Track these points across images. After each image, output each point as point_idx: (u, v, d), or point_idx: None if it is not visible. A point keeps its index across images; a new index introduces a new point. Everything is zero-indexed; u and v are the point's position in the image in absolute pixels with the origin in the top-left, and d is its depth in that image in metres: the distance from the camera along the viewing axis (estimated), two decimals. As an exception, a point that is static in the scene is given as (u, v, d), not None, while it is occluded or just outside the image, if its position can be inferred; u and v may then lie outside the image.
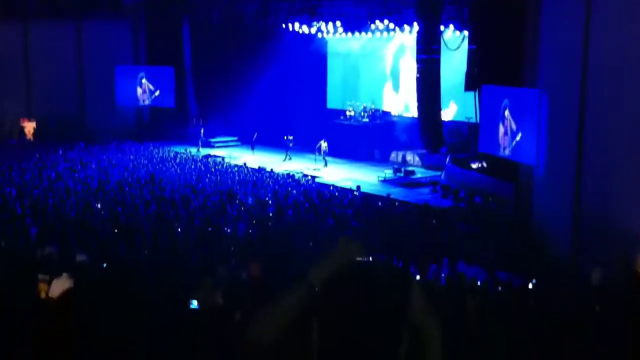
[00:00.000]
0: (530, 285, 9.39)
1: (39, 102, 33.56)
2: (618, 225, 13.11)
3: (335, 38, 32.84)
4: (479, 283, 9.73)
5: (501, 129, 19.96)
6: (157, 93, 33.58)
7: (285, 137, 29.07)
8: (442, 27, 25.24)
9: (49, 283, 5.91)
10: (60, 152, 26.37)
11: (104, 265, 8.19)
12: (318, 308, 2.04)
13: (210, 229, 14.65)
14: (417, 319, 2.01)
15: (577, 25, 14.70)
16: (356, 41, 32.33)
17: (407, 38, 29.29)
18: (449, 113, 28.15)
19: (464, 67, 23.85)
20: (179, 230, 14.38)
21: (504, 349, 5.43)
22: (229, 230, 14.66)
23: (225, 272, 8.61)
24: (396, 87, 31.96)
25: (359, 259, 2.21)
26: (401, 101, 31.60)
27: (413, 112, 28.63)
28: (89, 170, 22.81)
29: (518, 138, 19.03)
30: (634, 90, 12.88)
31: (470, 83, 22.66)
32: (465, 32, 24.33)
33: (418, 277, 10.65)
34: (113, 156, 26.53)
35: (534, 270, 12.43)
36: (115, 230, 14.21)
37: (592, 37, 14.27)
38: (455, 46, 25.50)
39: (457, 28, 25.57)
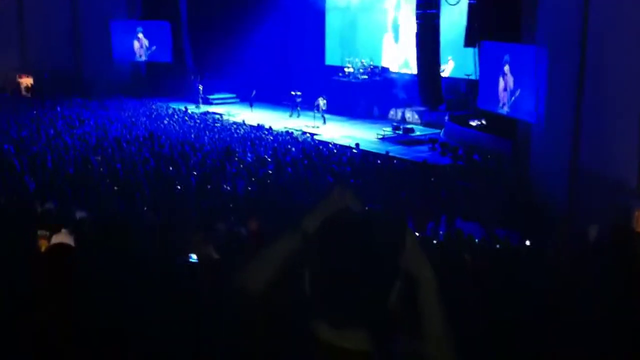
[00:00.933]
0: (527, 243, 9.46)
1: (33, 57, 33.12)
2: (615, 182, 13.17)
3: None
4: (476, 240, 9.79)
5: (500, 86, 19.86)
6: (153, 48, 33.25)
7: (292, 93, 28.82)
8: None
9: (49, 238, 5.95)
10: (58, 108, 26.23)
11: (103, 221, 8.22)
12: (310, 255, 2.04)
13: (209, 186, 14.68)
14: (411, 266, 2.02)
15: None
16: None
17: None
18: (447, 69, 27.94)
19: (463, 22, 23.61)
20: (178, 187, 14.40)
21: (499, 304, 5.49)
22: (228, 187, 14.70)
23: (223, 228, 8.66)
24: (395, 42, 31.63)
25: (353, 207, 2.19)
26: (401, 57, 31.32)
27: (412, 68, 28.41)
28: (87, 127, 22.72)
29: (517, 95, 18.94)
30: (633, 45, 12.79)
31: (470, 39, 22.45)
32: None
33: (416, 234, 10.72)
34: (111, 112, 26.41)
35: (532, 227, 12.53)
36: (114, 187, 14.23)
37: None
38: (454, 1, 25.18)
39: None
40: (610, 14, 13.58)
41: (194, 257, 4.03)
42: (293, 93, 28.81)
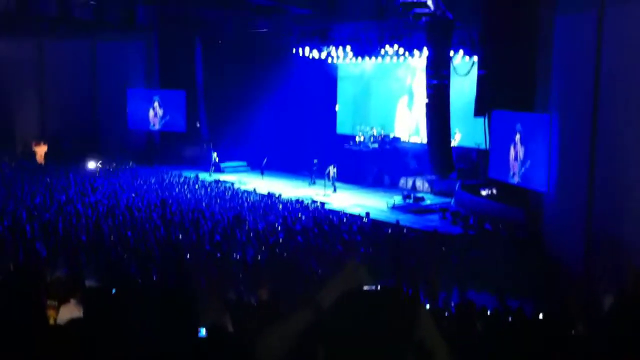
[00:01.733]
0: (541, 315, 9.27)
1: (51, 123, 33.80)
2: (632, 249, 13.01)
3: (346, 63, 33.03)
4: (489, 312, 9.62)
5: (511, 155, 19.92)
6: (167, 117, 33.81)
7: (315, 161, 28.98)
8: (452, 52, 25.34)
9: (57, 309, 5.90)
10: (71, 175, 26.50)
11: (113, 290, 8.15)
12: (324, 332, 2.02)
13: (218, 254, 14.62)
14: (425, 343, 1.99)
15: (588, 49, 14.73)
16: (366, 65, 32.50)
17: (417, 62, 29.42)
18: (455, 140, 28.17)
19: (473, 92, 23.90)
20: (188, 255, 14.35)
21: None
22: (238, 256, 14.63)
23: (234, 297, 8.58)
24: (407, 111, 32.01)
25: (367, 284, 2.19)
26: (412, 125, 31.63)
27: (423, 137, 28.65)
28: (99, 194, 22.87)
29: (527, 164, 18.97)
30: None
31: (480, 108, 22.66)
32: (475, 58, 24.40)
33: (428, 305, 10.56)
34: (124, 180, 26.63)
35: (547, 297, 12.32)
36: (125, 255, 14.20)
37: (604, 61, 14.29)
38: (464, 72, 25.57)
39: (466, 53, 25.67)
40: (622, 82, 13.72)
41: (202, 332, 3.95)
42: (315, 162, 28.93)
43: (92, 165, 28.83)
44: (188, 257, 14.21)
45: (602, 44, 14.36)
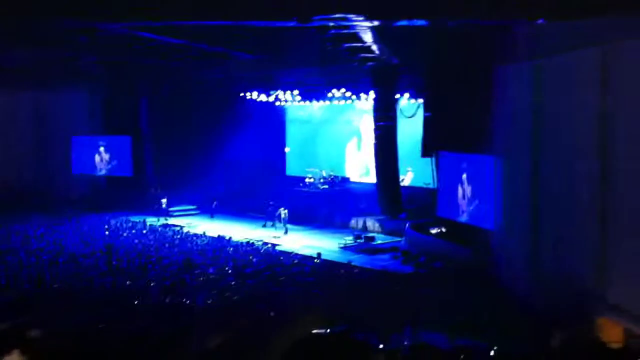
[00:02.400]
0: (492, 353, 9.36)
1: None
2: (577, 286, 13.29)
3: (294, 105, 33.33)
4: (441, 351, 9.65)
5: (459, 194, 20.27)
6: (114, 162, 33.40)
7: (271, 203, 28.88)
8: (398, 95, 25.83)
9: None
10: (16, 227, 25.77)
11: (58, 340, 7.90)
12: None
13: (167, 299, 14.35)
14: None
15: (527, 95, 15.24)
16: (314, 107, 32.86)
17: (364, 104, 29.89)
18: (407, 179, 28.55)
19: (420, 134, 24.35)
20: (136, 302, 14.04)
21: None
22: (188, 302, 14.38)
23: (190, 343, 8.40)
24: (356, 152, 32.39)
25: (318, 330, 2.21)
26: (361, 166, 31.97)
27: (373, 177, 28.95)
28: (42, 243, 22.27)
29: (475, 203, 19.32)
30: (579, 152, 13.32)
31: (427, 149, 23.08)
32: (421, 100, 24.92)
33: (381, 345, 10.54)
34: (68, 227, 26.03)
35: (497, 334, 12.42)
36: (69, 303, 13.81)
37: (543, 106, 14.79)
38: (410, 113, 26.05)
39: (412, 96, 26.21)
40: (559, 121, 14.19)
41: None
42: (272, 203, 28.86)
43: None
44: (136, 303, 13.90)
45: (541, 92, 14.88)
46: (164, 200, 31.33)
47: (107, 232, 25.29)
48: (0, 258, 18.95)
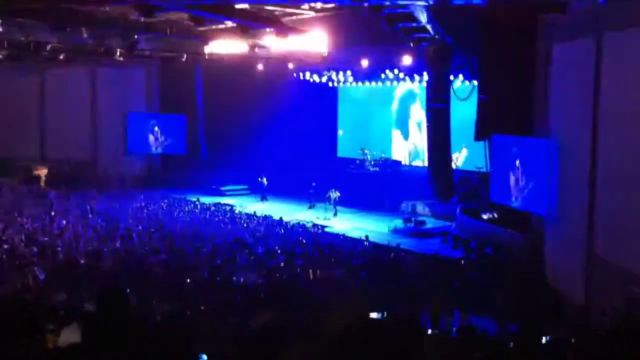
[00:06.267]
0: (543, 340, 9.21)
1: (52, 148, 34.01)
2: (632, 274, 12.96)
3: (346, 87, 33.19)
4: (489, 337, 9.55)
5: (512, 179, 19.91)
6: (168, 142, 33.92)
7: (313, 184, 29.02)
8: (451, 77, 25.45)
9: (57, 333, 5.86)
10: (71, 199, 26.48)
11: (113, 314, 8.08)
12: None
13: (218, 278, 14.55)
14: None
15: (587, 75, 14.80)
16: (367, 89, 32.66)
17: (417, 86, 29.58)
18: (460, 159, 28.20)
19: (474, 116, 23.96)
20: (188, 280, 14.28)
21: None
22: (240, 279, 14.56)
23: (234, 321, 8.51)
24: (407, 135, 32.13)
25: (371, 314, 2.20)
26: (412, 149, 31.73)
27: (424, 161, 28.69)
28: (98, 218, 22.83)
29: (528, 188, 18.96)
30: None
31: (480, 133, 22.71)
32: (475, 82, 24.51)
33: (430, 329, 10.50)
34: (124, 203, 26.60)
35: (548, 321, 12.25)
36: (124, 278, 14.13)
37: (602, 86, 14.36)
38: (464, 95, 25.66)
39: (466, 78, 25.78)
40: (621, 106, 13.77)
41: (204, 358, 3.94)
42: (313, 184, 28.97)
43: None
44: (188, 281, 14.14)
45: (601, 69, 14.43)
46: (264, 180, 31.25)
47: (164, 208, 25.77)
48: (59, 233, 19.45)
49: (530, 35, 18.67)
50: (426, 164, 28.02)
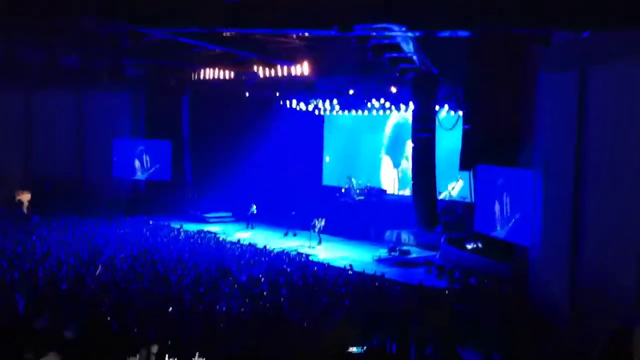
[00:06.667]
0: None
1: (37, 172, 33.75)
2: (615, 303, 12.98)
3: (332, 115, 33.33)
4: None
5: (496, 209, 19.99)
6: (153, 168, 33.80)
7: (293, 213, 29.11)
8: (437, 107, 25.64)
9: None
10: (54, 225, 26.22)
11: (94, 341, 7.96)
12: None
13: (200, 307, 14.39)
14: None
15: (571, 107, 14.96)
16: (353, 118, 32.82)
17: (403, 115, 29.76)
18: (456, 189, 28.33)
19: (459, 146, 24.10)
20: (170, 308, 14.10)
21: None
22: (221, 308, 14.40)
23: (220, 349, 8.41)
24: (395, 163, 32.25)
25: (353, 348, 2.16)
26: (398, 179, 31.81)
27: (409, 190, 28.75)
28: (81, 243, 22.59)
29: (512, 219, 19.03)
30: (627, 169, 13.00)
31: (465, 162, 22.83)
32: (460, 112, 24.70)
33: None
34: (107, 229, 26.38)
35: (532, 353, 12.21)
36: (106, 305, 13.93)
37: (586, 117, 14.52)
38: (450, 125, 25.83)
39: (451, 108, 25.99)
40: (605, 137, 13.91)
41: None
42: (293, 213, 29.09)
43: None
44: (170, 309, 13.97)
45: (585, 101, 14.60)
46: (253, 207, 31.06)
47: (147, 234, 25.59)
48: (41, 258, 19.22)
49: (516, 66, 18.88)
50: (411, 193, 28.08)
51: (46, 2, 13.82)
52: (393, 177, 32.22)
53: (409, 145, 29.99)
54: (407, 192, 30.24)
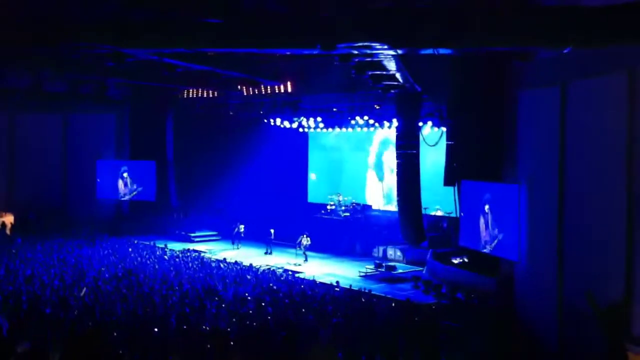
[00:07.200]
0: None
1: (20, 194, 33.56)
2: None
3: (317, 132, 33.43)
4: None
5: (481, 224, 20.07)
6: (139, 189, 33.63)
7: (271, 230, 29.13)
8: (420, 123, 25.77)
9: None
10: (38, 247, 25.98)
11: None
12: None
13: (185, 327, 14.29)
14: None
15: (553, 120, 15.12)
16: (337, 135, 32.92)
17: (387, 132, 29.88)
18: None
19: (443, 162, 24.22)
20: (156, 330, 13.98)
21: None
22: (207, 328, 14.31)
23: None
24: (378, 180, 32.32)
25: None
26: (383, 195, 31.87)
27: (395, 206, 28.79)
28: (65, 266, 22.38)
29: (497, 233, 19.10)
30: (610, 178, 13.13)
31: (449, 178, 22.92)
32: (444, 128, 24.84)
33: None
34: (91, 251, 26.17)
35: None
36: (91, 327, 13.80)
37: (568, 132, 14.66)
38: (433, 142, 25.98)
39: (435, 124, 26.10)
40: (587, 151, 14.05)
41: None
42: (272, 231, 29.15)
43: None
44: (156, 330, 13.85)
45: (566, 116, 14.76)
46: (241, 227, 30.91)
47: (131, 254, 25.42)
48: (24, 281, 19.02)
49: (498, 82, 19.07)
50: (397, 209, 28.11)
51: (29, 30, 13.78)
52: (378, 193, 32.27)
53: (391, 161, 30.16)
54: (392, 207, 30.29)
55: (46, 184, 33.72)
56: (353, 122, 28.83)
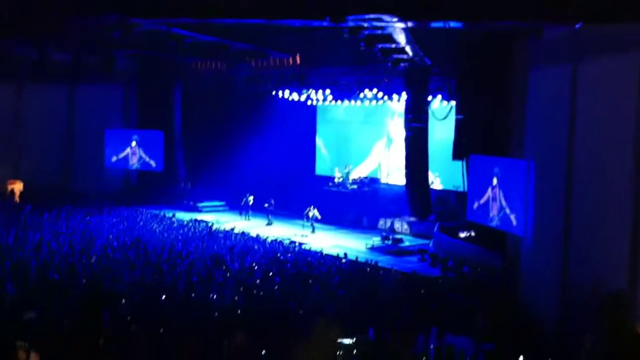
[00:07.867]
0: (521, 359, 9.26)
1: (28, 163, 33.68)
2: (608, 294, 13.03)
3: (325, 105, 33.33)
4: (467, 357, 9.57)
5: (489, 198, 20.04)
6: (146, 158, 33.68)
7: (272, 200, 29.29)
8: (430, 97, 25.66)
9: (28, 351, 5.77)
10: (46, 215, 26.15)
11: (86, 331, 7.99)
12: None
13: (192, 294, 14.42)
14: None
15: (563, 100, 15.00)
16: (345, 108, 32.80)
17: (396, 105, 29.77)
18: (436, 183, 28.38)
19: (452, 136, 24.14)
20: (163, 297, 14.13)
21: None
22: (214, 297, 14.44)
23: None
24: (385, 153, 32.26)
25: (346, 340, 2.18)
26: (391, 168, 31.84)
27: (402, 179, 28.80)
28: (73, 234, 22.53)
29: (505, 208, 19.08)
30: (618, 159, 13.06)
31: (458, 152, 22.88)
32: (453, 102, 24.73)
33: (406, 348, 10.48)
34: (100, 219, 26.33)
35: (522, 340, 12.29)
36: (99, 295, 13.93)
37: (578, 108, 14.55)
38: (442, 116, 25.89)
39: (444, 98, 26.00)
40: (596, 128, 13.95)
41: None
42: (272, 201, 29.33)
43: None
44: (163, 298, 14.00)
45: (577, 93, 14.63)
46: (250, 198, 31.01)
47: (140, 224, 25.58)
48: (33, 248, 19.17)
49: (508, 57, 18.91)
50: (404, 182, 28.11)
51: (36, 3, 13.74)
52: (386, 166, 32.24)
53: (401, 136, 30.07)
54: (400, 181, 30.29)
55: (53, 154, 33.85)
56: (362, 95, 28.72)
